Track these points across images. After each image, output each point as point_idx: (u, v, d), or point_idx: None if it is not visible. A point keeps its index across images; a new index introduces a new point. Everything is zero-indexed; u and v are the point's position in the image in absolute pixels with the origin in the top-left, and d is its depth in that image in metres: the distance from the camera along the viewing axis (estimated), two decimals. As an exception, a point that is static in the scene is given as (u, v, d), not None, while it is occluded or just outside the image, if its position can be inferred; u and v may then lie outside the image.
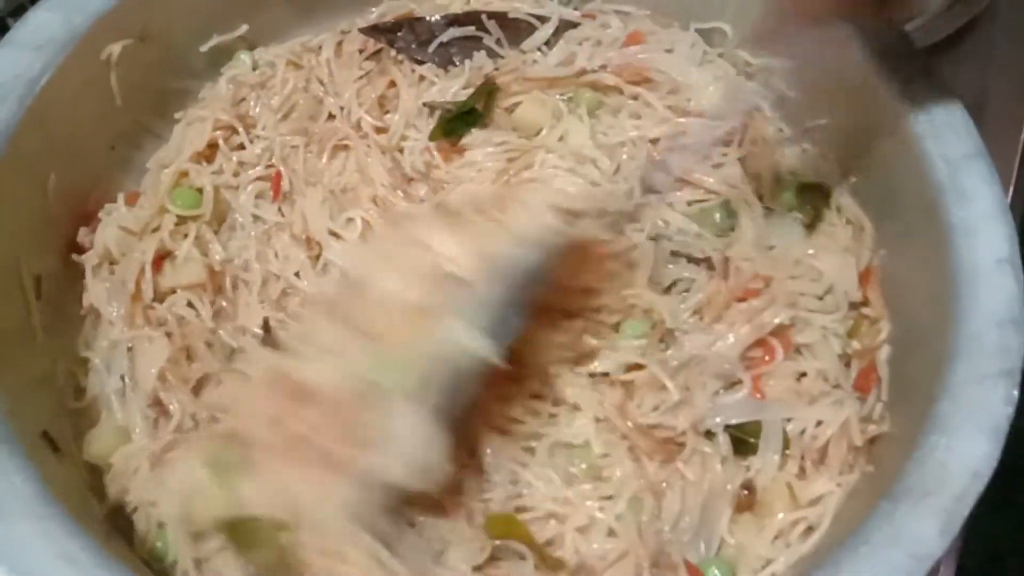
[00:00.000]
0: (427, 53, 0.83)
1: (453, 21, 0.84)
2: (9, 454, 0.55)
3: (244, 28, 0.84)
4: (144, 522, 0.64)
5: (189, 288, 0.72)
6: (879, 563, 0.54)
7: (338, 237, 0.74)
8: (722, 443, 0.66)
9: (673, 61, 0.81)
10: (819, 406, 0.67)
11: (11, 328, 0.65)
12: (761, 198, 0.77)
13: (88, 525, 0.56)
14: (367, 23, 0.86)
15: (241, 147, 0.80)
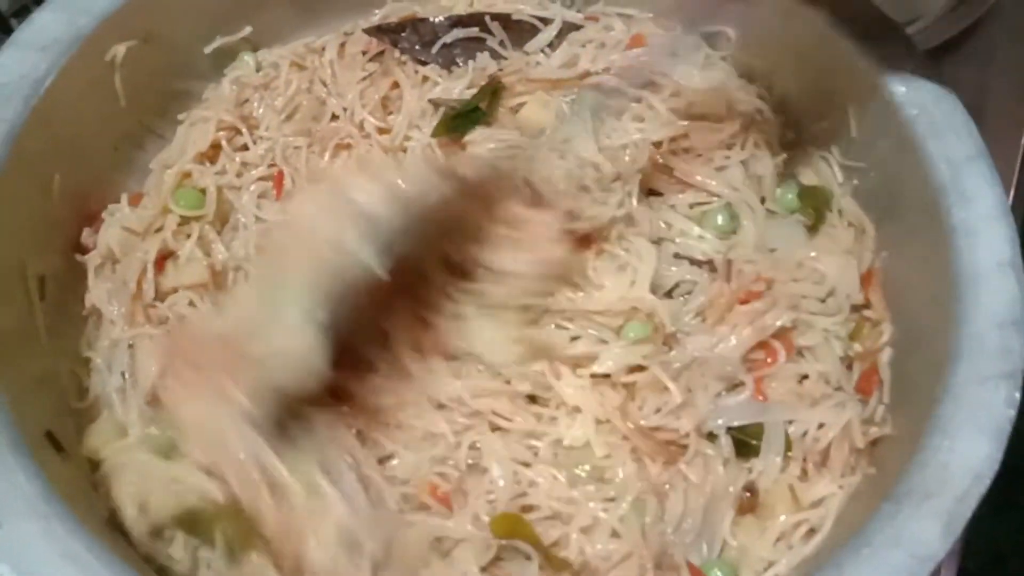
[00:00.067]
0: (430, 54, 0.83)
1: (457, 22, 0.84)
2: (13, 453, 0.56)
3: (248, 30, 0.85)
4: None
5: (191, 288, 0.73)
6: (881, 565, 0.54)
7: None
8: (724, 445, 0.66)
9: (676, 64, 0.81)
10: (821, 408, 0.67)
11: (15, 328, 0.65)
12: (763, 200, 0.77)
13: (91, 524, 0.56)
14: (370, 24, 0.86)
15: (244, 148, 0.80)
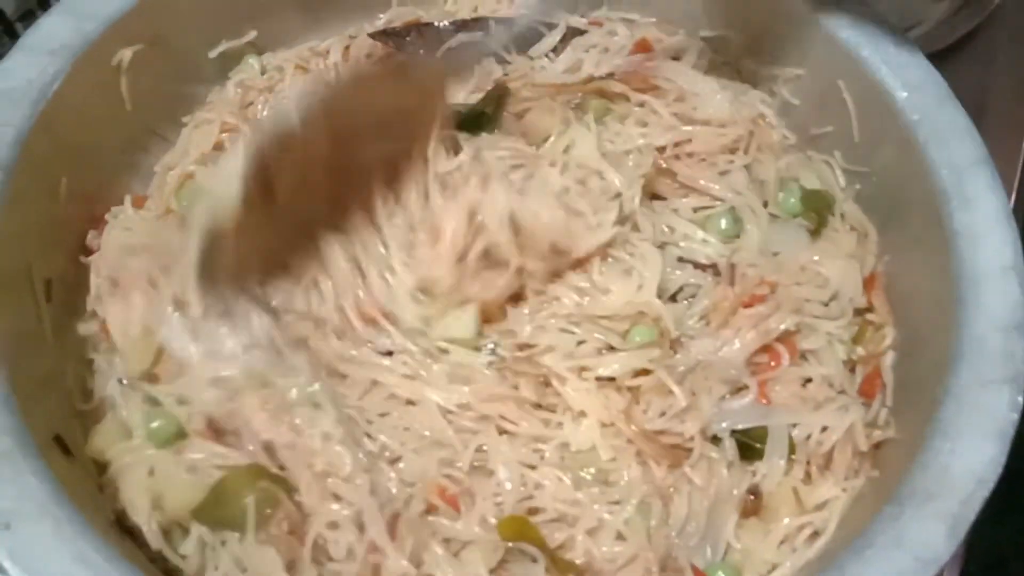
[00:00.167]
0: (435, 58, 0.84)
1: (461, 27, 0.85)
2: (23, 456, 0.56)
3: (253, 34, 0.85)
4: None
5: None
6: (885, 567, 0.55)
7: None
8: (728, 448, 0.66)
9: (679, 69, 0.81)
10: (824, 412, 0.68)
11: (22, 331, 0.65)
12: (765, 204, 0.77)
13: (98, 526, 0.56)
14: (375, 29, 0.87)
15: (247, 149, 0.80)
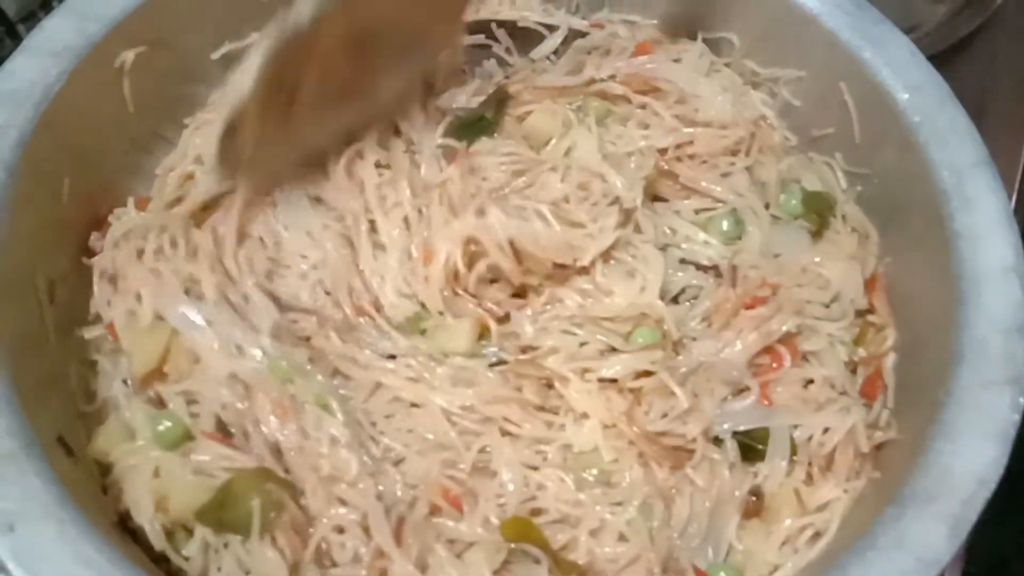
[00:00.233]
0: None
1: (463, 29, 0.84)
2: (27, 457, 0.56)
3: (255, 36, 0.84)
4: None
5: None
6: (887, 568, 0.55)
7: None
8: (730, 449, 0.66)
9: (681, 71, 0.81)
10: (826, 413, 0.68)
11: (26, 332, 0.65)
12: (767, 206, 0.77)
13: (102, 527, 0.57)
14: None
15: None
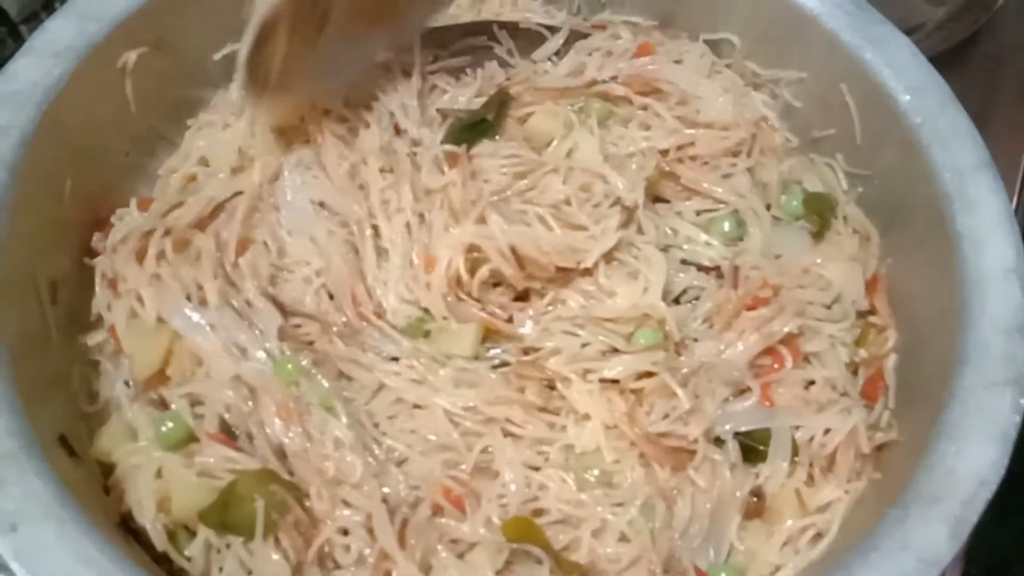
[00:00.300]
0: (439, 63, 0.83)
1: (465, 30, 0.84)
2: (28, 457, 0.56)
3: (257, 37, 0.85)
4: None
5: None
6: (889, 569, 0.55)
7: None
8: (731, 450, 0.66)
9: (682, 72, 0.81)
10: (827, 414, 0.68)
11: (28, 332, 0.66)
12: (769, 207, 0.78)
13: (103, 527, 0.56)
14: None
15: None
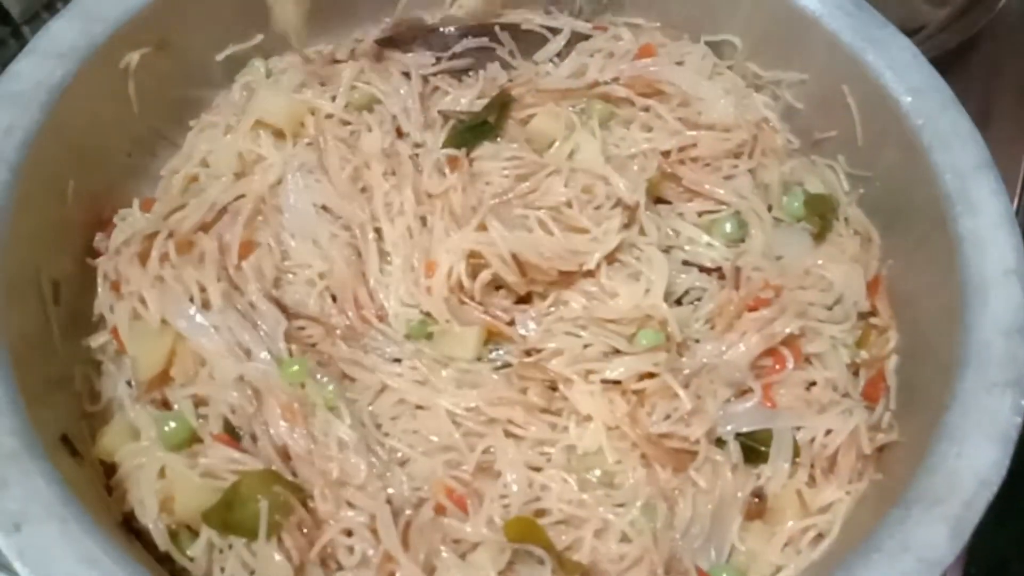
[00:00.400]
0: (441, 64, 0.83)
1: (467, 32, 0.85)
2: (31, 457, 0.56)
3: (259, 38, 0.85)
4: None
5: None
6: (890, 569, 0.55)
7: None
8: (733, 451, 0.66)
9: (683, 73, 0.82)
10: (828, 415, 0.68)
11: (30, 332, 0.66)
12: (770, 208, 0.78)
13: (106, 527, 0.57)
14: (381, 33, 0.87)
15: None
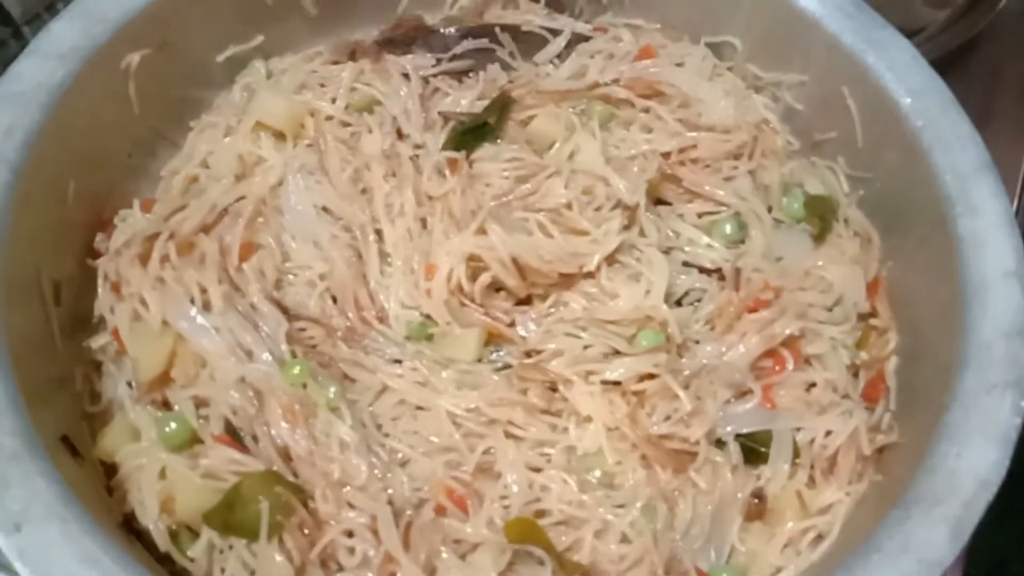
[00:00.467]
0: (441, 65, 0.83)
1: (467, 34, 0.85)
2: (32, 458, 0.56)
3: (260, 39, 0.85)
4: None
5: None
6: (891, 570, 0.55)
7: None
8: (733, 452, 0.66)
9: (684, 75, 0.82)
10: (828, 416, 0.68)
11: (31, 333, 0.66)
12: (770, 210, 0.78)
13: (106, 527, 0.57)
14: (381, 34, 0.87)
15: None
